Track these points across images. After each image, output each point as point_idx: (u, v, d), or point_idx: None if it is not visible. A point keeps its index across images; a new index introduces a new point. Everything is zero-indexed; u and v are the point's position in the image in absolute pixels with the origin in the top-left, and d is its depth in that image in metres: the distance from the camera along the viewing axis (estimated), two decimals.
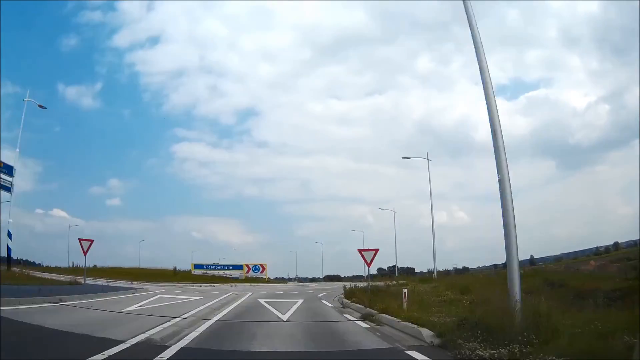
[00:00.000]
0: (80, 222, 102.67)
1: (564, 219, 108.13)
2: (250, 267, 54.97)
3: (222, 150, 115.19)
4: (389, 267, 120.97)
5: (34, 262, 56.31)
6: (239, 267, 55.08)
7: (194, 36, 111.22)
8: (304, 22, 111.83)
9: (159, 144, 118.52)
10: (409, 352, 7.49)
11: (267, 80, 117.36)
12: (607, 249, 79.13)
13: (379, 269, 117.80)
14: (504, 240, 8.86)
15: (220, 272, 55.26)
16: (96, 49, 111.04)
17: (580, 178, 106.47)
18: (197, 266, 56.37)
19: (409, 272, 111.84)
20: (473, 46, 10.36)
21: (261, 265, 55.09)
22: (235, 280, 50.42)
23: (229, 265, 56.24)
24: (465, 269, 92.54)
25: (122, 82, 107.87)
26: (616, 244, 76.93)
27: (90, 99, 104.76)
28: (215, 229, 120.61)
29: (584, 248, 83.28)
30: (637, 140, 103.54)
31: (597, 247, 79.41)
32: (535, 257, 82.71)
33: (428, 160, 41.75)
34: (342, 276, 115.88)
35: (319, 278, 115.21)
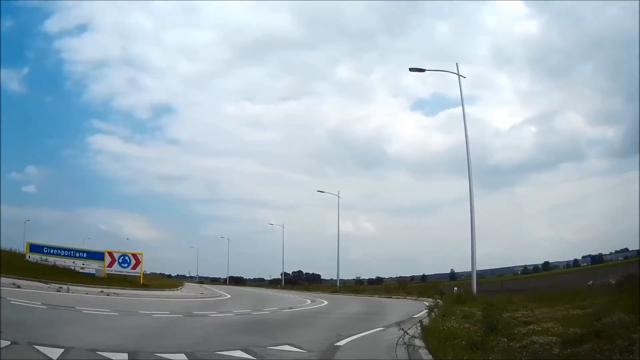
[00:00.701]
0: None
1: (482, 237, 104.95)
2: (116, 257, 33.83)
3: (134, 145, 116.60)
4: (294, 272, 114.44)
5: None
6: (99, 256, 33.89)
7: (120, 27, 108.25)
8: (228, 21, 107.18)
9: (75, 134, 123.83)
10: None
11: (185, 78, 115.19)
12: (535, 268, 75.57)
13: (285, 274, 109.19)
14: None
15: (70, 262, 33.96)
16: (28, 33, 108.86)
17: (498, 198, 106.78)
18: (34, 248, 34.58)
19: (314, 279, 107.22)
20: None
21: (133, 255, 34.08)
22: (88, 279, 29.35)
23: (83, 252, 34.84)
24: (379, 279, 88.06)
25: (48, 69, 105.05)
26: (546, 264, 75.13)
27: (17, 84, 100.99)
28: (122, 223, 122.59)
29: (503, 266, 78.92)
30: (565, 164, 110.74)
31: (524, 266, 76.65)
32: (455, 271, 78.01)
33: (459, 76, 25.33)
34: (246, 278, 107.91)
35: (220, 279, 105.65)
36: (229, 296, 30.59)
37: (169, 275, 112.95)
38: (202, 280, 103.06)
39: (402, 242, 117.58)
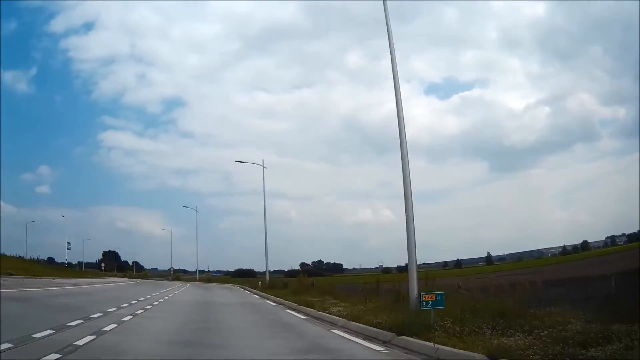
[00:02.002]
0: (12, 209, 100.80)
1: (495, 222, 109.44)
2: None
3: (147, 139, 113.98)
4: (314, 262, 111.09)
5: None
6: None
7: (126, 23, 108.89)
8: (235, 12, 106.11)
9: (87, 131, 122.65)
10: None
11: (194, 71, 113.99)
12: (574, 248, 72.00)
13: (302, 264, 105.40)
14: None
15: None
16: (34, 34, 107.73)
17: (514, 181, 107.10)
18: None
19: (335, 269, 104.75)
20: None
21: None
22: None
23: None
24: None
25: (56, 68, 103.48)
26: (585, 243, 71.48)
27: (25, 84, 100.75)
28: (139, 220, 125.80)
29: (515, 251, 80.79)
30: (579, 145, 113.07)
31: (563, 246, 74.66)
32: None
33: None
34: (257, 271, 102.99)
35: (208, 271, 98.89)
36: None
37: (185, 270, 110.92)
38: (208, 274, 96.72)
39: (423, 228, 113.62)
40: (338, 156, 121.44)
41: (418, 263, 10.21)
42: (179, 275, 75.56)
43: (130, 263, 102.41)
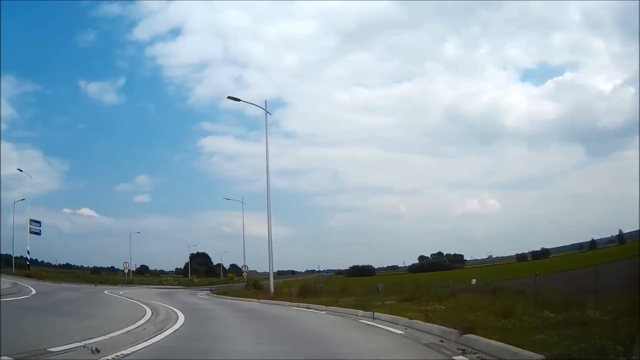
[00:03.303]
0: (109, 220, 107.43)
1: (595, 205, 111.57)
2: None
3: (249, 142, 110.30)
4: (433, 254, 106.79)
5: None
6: None
7: (215, 26, 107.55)
8: (327, 9, 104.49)
9: (185, 138, 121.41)
10: None
11: (293, 70, 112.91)
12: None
13: (421, 257, 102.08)
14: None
15: None
16: (116, 43, 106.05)
17: (609, 163, 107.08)
18: None
19: (457, 259, 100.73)
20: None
21: None
22: None
23: None
24: (545, 251, 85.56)
25: (145, 76, 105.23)
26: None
27: (114, 95, 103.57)
28: (246, 223, 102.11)
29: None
30: None
31: None
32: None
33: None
34: (376, 267, 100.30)
35: (318, 271, 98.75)
36: None
37: (292, 271, 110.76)
38: (322, 274, 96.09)
39: (525, 217, 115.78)
40: (442, 148, 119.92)
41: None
42: (258, 279, 49.51)
43: (227, 266, 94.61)
